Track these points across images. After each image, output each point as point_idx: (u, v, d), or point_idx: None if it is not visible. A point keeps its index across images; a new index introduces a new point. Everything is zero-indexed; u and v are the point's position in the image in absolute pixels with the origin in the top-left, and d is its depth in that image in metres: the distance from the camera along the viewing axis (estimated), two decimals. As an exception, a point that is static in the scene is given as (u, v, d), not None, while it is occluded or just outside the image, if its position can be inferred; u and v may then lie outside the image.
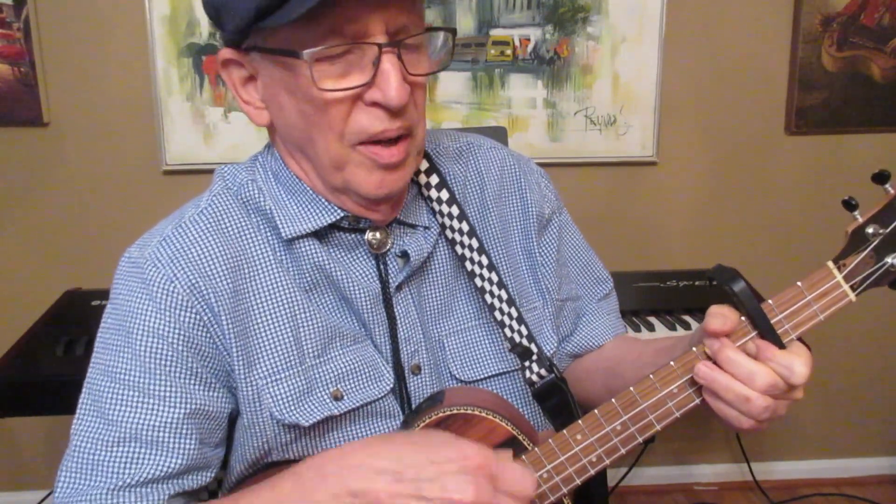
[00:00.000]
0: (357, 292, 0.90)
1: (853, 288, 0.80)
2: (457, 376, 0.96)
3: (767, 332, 0.79)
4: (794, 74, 2.35)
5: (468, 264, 0.97)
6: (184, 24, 2.19)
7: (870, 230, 0.79)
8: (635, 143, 2.37)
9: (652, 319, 2.01)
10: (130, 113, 2.24)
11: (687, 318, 2.02)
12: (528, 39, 2.27)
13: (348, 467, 0.71)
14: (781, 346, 0.79)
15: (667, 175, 2.42)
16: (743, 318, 0.80)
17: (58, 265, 2.30)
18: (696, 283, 2.14)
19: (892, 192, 0.79)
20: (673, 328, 1.96)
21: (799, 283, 0.80)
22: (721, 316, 0.79)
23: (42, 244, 2.31)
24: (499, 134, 2.00)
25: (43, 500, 2.36)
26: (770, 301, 0.80)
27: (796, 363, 0.78)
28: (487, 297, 0.96)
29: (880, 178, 0.79)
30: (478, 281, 0.97)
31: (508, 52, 2.27)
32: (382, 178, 0.84)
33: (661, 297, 2.11)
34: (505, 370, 0.98)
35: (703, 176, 2.45)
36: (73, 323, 1.90)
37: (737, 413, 0.80)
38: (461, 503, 0.67)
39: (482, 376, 0.97)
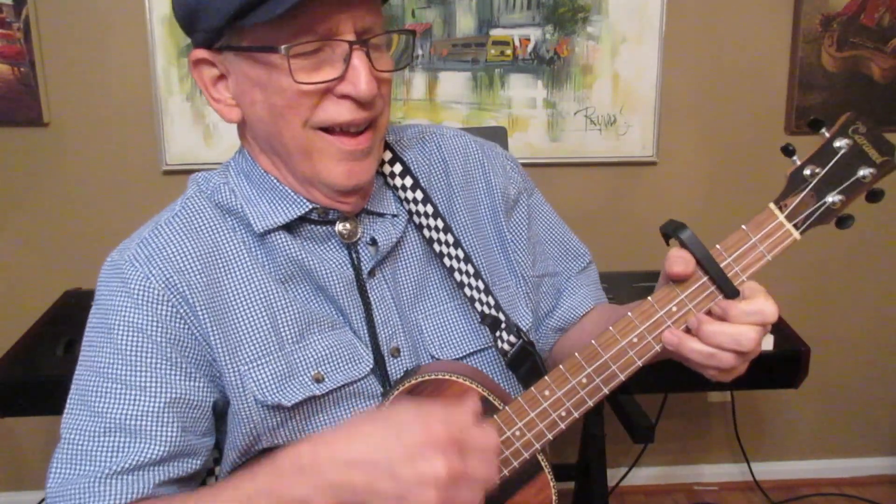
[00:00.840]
0: (331, 280, 0.94)
1: (796, 226, 0.84)
2: (436, 356, 0.99)
3: (718, 276, 0.82)
4: (794, 74, 2.35)
5: (436, 246, 1.00)
6: (184, 24, 2.19)
7: (807, 171, 0.83)
8: (635, 143, 2.37)
9: (652, 319, 2.01)
10: (130, 113, 2.24)
11: (687, 318, 2.02)
12: (528, 39, 2.27)
13: (324, 460, 0.73)
14: (734, 288, 0.82)
15: (667, 175, 2.42)
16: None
17: (58, 265, 2.30)
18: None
19: (826, 135, 0.84)
20: (673, 328, 1.96)
21: (743, 227, 0.84)
22: (682, 259, 0.82)
23: (42, 244, 2.31)
24: (499, 134, 2.01)
25: (43, 500, 2.36)
26: (718, 246, 0.83)
27: (762, 304, 0.82)
28: (457, 274, 1.00)
29: (815, 124, 0.84)
30: (446, 261, 1.00)
31: (508, 52, 2.27)
32: (350, 168, 0.89)
33: (661, 297, 2.11)
34: (481, 347, 1.01)
35: (703, 176, 2.45)
36: (73, 323, 1.90)
37: (704, 366, 0.84)
38: (435, 475, 0.69)
39: (460, 354, 1.01)
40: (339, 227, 0.95)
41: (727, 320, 0.82)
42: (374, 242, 0.96)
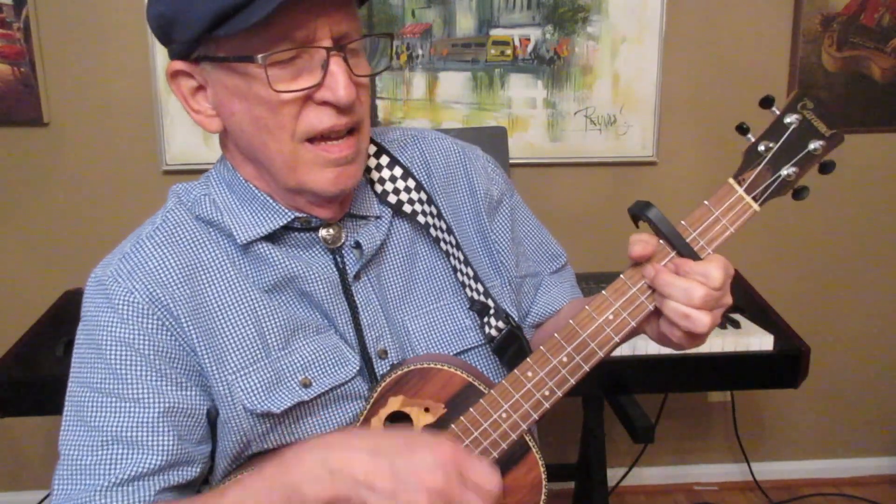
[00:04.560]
0: (317, 285, 0.94)
1: (755, 199, 0.88)
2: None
3: (685, 250, 0.86)
4: (794, 74, 2.35)
5: (433, 231, 1.01)
6: (184, 24, 2.19)
7: (762, 147, 0.89)
8: (635, 143, 2.37)
9: (652, 319, 2.01)
10: (130, 113, 2.24)
11: (687, 318, 2.02)
12: (528, 39, 2.27)
13: (326, 446, 0.78)
14: (699, 259, 0.86)
15: (667, 175, 2.42)
16: (661, 241, 0.87)
17: (58, 265, 2.30)
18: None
19: (777, 112, 0.89)
20: (673, 328, 1.96)
21: (706, 202, 0.89)
22: (641, 241, 0.86)
23: (42, 244, 2.31)
24: (499, 134, 2.01)
25: (43, 500, 2.36)
26: (683, 222, 0.88)
27: (710, 269, 0.84)
28: (451, 259, 1.02)
29: (766, 102, 0.89)
30: (443, 245, 1.02)
31: (508, 52, 2.27)
32: (337, 174, 0.90)
33: (661, 297, 2.10)
34: (469, 346, 1.02)
35: (703, 176, 2.45)
36: (73, 323, 1.87)
37: (679, 332, 0.86)
38: (431, 485, 0.73)
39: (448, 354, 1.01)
40: (323, 233, 0.96)
41: (677, 274, 0.85)
42: (358, 246, 0.97)
